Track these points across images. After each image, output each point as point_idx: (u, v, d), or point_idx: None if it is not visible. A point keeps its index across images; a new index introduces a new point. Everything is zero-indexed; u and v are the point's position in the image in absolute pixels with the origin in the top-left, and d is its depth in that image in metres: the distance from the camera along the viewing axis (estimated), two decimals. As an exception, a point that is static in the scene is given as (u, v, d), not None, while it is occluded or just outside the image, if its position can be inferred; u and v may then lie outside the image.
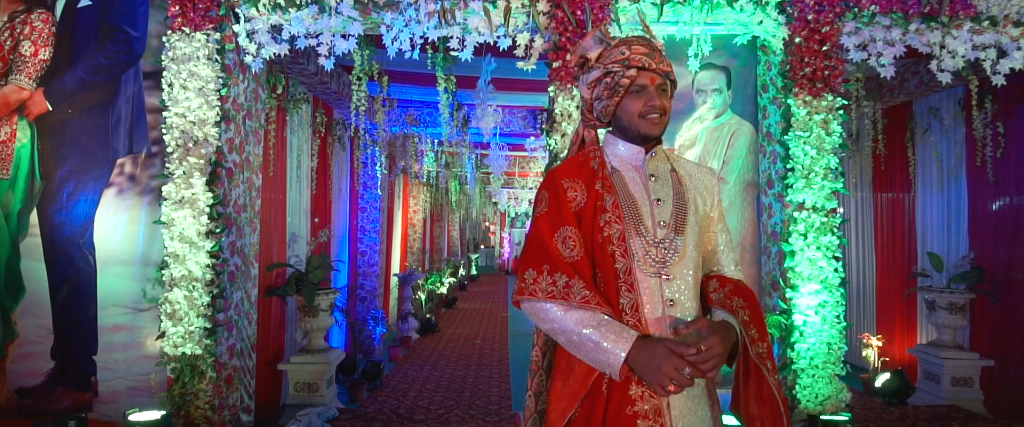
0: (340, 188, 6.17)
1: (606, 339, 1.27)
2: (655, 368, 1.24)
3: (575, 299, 1.29)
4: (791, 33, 3.28)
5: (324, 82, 4.80)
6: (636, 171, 1.45)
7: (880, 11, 3.28)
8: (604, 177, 1.43)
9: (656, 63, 1.40)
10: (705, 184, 1.50)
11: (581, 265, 1.35)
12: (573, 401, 1.34)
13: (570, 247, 1.36)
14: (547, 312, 1.33)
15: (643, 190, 1.43)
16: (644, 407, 1.30)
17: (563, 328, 1.32)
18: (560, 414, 1.35)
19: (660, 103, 1.40)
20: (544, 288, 1.32)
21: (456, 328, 9.07)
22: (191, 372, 3.22)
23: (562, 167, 1.48)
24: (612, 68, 1.41)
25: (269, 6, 3.29)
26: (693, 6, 3.25)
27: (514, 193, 15.10)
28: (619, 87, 1.41)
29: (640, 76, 1.40)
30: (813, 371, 3.20)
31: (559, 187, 1.42)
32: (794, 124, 3.26)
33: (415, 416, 4.33)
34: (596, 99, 1.46)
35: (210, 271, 3.27)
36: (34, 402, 3.68)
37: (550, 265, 1.34)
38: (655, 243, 1.38)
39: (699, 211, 1.46)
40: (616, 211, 1.38)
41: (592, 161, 1.46)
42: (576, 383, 1.34)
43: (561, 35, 3.21)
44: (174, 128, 3.29)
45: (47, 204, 3.74)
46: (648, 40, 1.44)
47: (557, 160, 3.25)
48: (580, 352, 1.32)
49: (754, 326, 1.37)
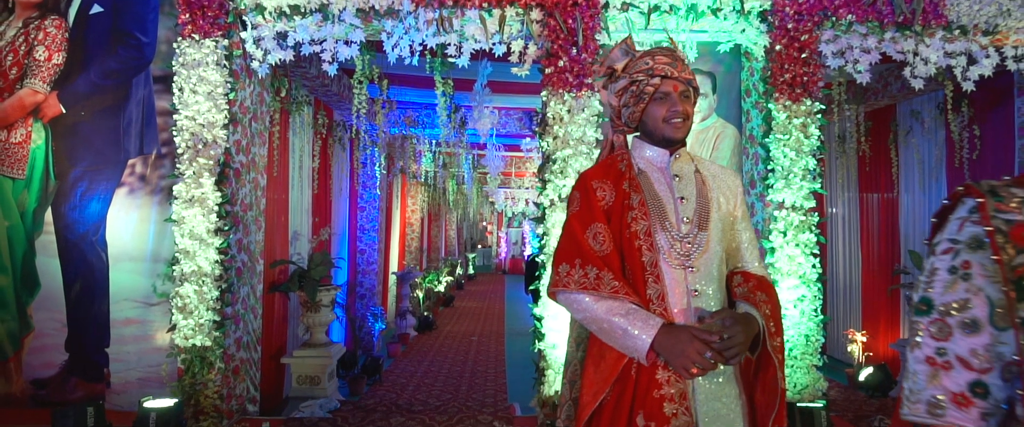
0: (340, 188, 6.33)
1: (634, 326, 1.36)
2: (679, 352, 1.32)
3: (605, 289, 1.39)
4: (772, 41, 3.45)
5: (325, 85, 4.96)
6: (661, 172, 1.55)
7: (857, 20, 3.45)
8: (631, 178, 1.53)
9: (678, 71, 1.49)
10: (728, 184, 1.59)
11: (610, 258, 1.44)
12: (604, 385, 1.42)
13: (600, 242, 1.46)
14: (580, 302, 1.43)
15: (668, 189, 1.52)
16: (670, 391, 1.38)
17: (594, 316, 1.41)
18: (592, 397, 1.43)
19: (683, 108, 1.50)
20: (577, 280, 1.42)
21: (453, 326, 9.23)
22: (201, 363, 3.38)
23: (592, 170, 1.58)
24: (637, 77, 1.51)
25: (275, 14, 3.45)
26: (679, 15, 3.42)
27: (511, 193, 15.25)
28: (644, 95, 1.51)
29: (664, 84, 1.49)
30: (792, 361, 3.38)
31: (589, 188, 1.52)
32: (775, 127, 3.43)
33: (414, 407, 4.49)
34: (623, 106, 1.56)
35: (219, 267, 3.43)
36: (49, 392, 3.84)
37: (582, 259, 1.43)
38: (679, 238, 1.47)
39: (722, 209, 1.54)
40: (643, 208, 1.48)
41: (620, 163, 1.56)
42: (607, 368, 1.43)
43: (553, 42, 3.38)
44: (184, 130, 3.45)
45: (61, 203, 3.89)
46: (671, 50, 1.54)
47: (550, 161, 3.41)
48: (610, 339, 1.41)
49: (773, 321, 1.45)
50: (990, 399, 0.67)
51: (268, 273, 4.26)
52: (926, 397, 0.71)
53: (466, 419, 3.78)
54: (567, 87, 3.37)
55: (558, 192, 3.38)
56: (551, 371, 3.36)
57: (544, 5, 3.39)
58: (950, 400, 0.69)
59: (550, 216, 3.40)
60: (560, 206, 3.38)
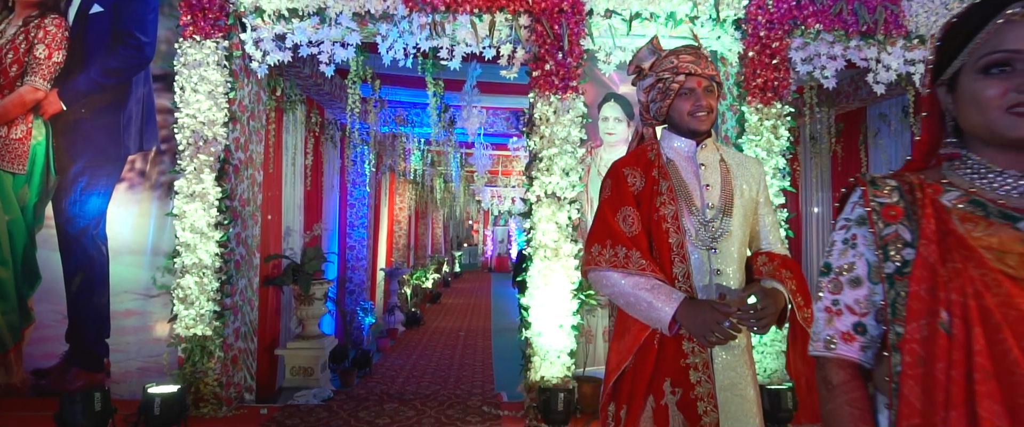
0: (331, 185, 6.47)
1: (658, 299, 1.48)
2: (700, 322, 1.42)
3: (633, 267, 1.52)
4: (745, 48, 3.67)
5: (318, 84, 5.10)
6: (688, 161, 1.65)
7: (824, 29, 3.68)
8: (660, 166, 1.64)
9: (701, 68, 1.60)
10: (751, 172, 1.70)
11: (639, 239, 1.56)
12: (627, 355, 1.57)
13: (629, 224, 1.58)
14: (610, 278, 1.56)
15: (694, 177, 1.63)
16: (695, 360, 1.52)
17: (623, 291, 1.54)
18: (616, 365, 1.59)
19: (706, 102, 1.60)
20: (607, 259, 1.55)
21: (441, 321, 9.39)
22: (201, 352, 3.52)
23: (624, 159, 1.70)
24: (663, 75, 1.62)
25: (274, 17, 3.60)
26: (658, 22, 3.63)
27: (497, 191, 15.43)
28: (670, 91, 1.61)
29: (688, 80, 1.60)
30: (762, 348, 3.60)
31: (620, 175, 1.64)
32: (747, 129, 3.65)
33: (405, 396, 4.65)
34: (651, 102, 1.67)
35: (219, 259, 3.57)
36: (49, 382, 3.95)
37: (612, 239, 1.56)
38: (704, 222, 1.58)
39: (745, 195, 1.64)
40: (671, 194, 1.59)
41: (649, 153, 1.67)
42: (631, 339, 1.57)
43: (540, 47, 3.57)
44: (185, 128, 3.59)
45: (62, 198, 4.00)
46: (695, 48, 1.64)
47: (537, 159, 3.60)
48: (636, 312, 1.54)
49: (800, 295, 1.56)
50: (867, 336, 0.89)
51: (262, 267, 4.40)
52: (823, 336, 0.92)
53: (456, 405, 3.95)
54: (553, 89, 3.56)
55: (544, 188, 3.57)
56: (537, 358, 3.55)
57: (532, 11, 3.58)
58: (840, 337, 0.90)
59: (536, 211, 3.59)
60: (546, 202, 3.57)
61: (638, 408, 1.54)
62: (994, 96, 0.80)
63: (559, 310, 3.53)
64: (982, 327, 0.71)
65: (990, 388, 0.70)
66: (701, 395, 1.51)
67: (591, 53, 3.74)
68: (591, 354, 3.95)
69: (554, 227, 3.56)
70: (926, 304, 0.77)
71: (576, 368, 3.63)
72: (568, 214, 3.57)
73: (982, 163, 0.85)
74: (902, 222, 0.84)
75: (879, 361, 0.88)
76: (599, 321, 3.98)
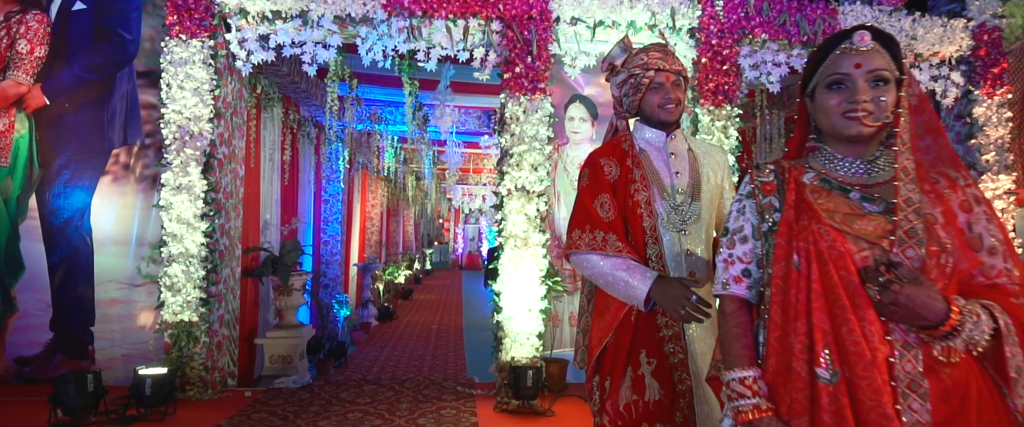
0: (306, 181, 6.62)
1: (634, 278, 1.60)
2: (672, 297, 1.53)
3: (611, 249, 1.63)
4: (698, 54, 4.00)
5: (294, 82, 5.27)
6: (659, 151, 1.77)
7: (769, 38, 4.04)
8: (633, 156, 1.75)
9: (669, 64, 1.72)
10: (717, 160, 1.82)
11: (615, 224, 1.68)
12: (607, 331, 1.69)
13: (606, 210, 1.69)
14: (589, 260, 1.67)
15: (665, 165, 1.75)
16: (668, 333, 1.66)
17: (601, 272, 1.65)
18: (598, 341, 1.71)
19: (675, 95, 1.72)
20: (586, 242, 1.67)
21: (413, 316, 9.59)
22: (187, 337, 3.69)
23: (599, 150, 1.82)
24: (634, 71, 1.74)
25: (257, 18, 3.78)
26: (620, 30, 3.93)
27: (468, 189, 15.65)
28: (641, 85, 1.73)
29: (657, 75, 1.71)
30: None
31: (597, 164, 1.76)
32: (701, 129, 3.99)
33: (382, 381, 4.87)
34: (624, 96, 1.79)
35: (205, 249, 3.74)
36: (33, 370, 4.05)
37: (591, 225, 1.68)
38: (675, 206, 1.70)
39: (711, 182, 1.77)
40: (643, 181, 1.71)
41: (623, 144, 1.79)
42: (610, 317, 1.69)
43: (511, 51, 3.84)
44: (172, 123, 3.74)
45: (45, 190, 4.10)
46: (663, 46, 1.78)
47: (508, 156, 3.87)
48: (614, 291, 1.65)
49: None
50: (751, 278, 1.19)
51: (243, 258, 4.56)
52: (722, 280, 1.23)
53: (432, 386, 4.20)
54: (523, 91, 3.84)
55: (515, 183, 3.84)
56: (508, 340, 3.82)
57: (503, 18, 3.84)
58: (732, 280, 1.20)
59: (507, 203, 3.86)
60: (516, 195, 3.84)
61: (619, 378, 1.67)
62: (834, 105, 1.11)
63: (528, 295, 3.81)
64: (817, 263, 1.03)
65: (820, 304, 1.01)
66: (675, 365, 1.65)
67: (558, 57, 4.03)
68: (557, 337, 4.24)
69: (524, 219, 3.83)
70: (785, 251, 1.07)
71: (544, 350, 3.92)
72: (536, 206, 3.85)
73: (831, 153, 1.15)
74: (774, 195, 1.15)
75: (762, 299, 1.18)
76: (565, 307, 4.27)
